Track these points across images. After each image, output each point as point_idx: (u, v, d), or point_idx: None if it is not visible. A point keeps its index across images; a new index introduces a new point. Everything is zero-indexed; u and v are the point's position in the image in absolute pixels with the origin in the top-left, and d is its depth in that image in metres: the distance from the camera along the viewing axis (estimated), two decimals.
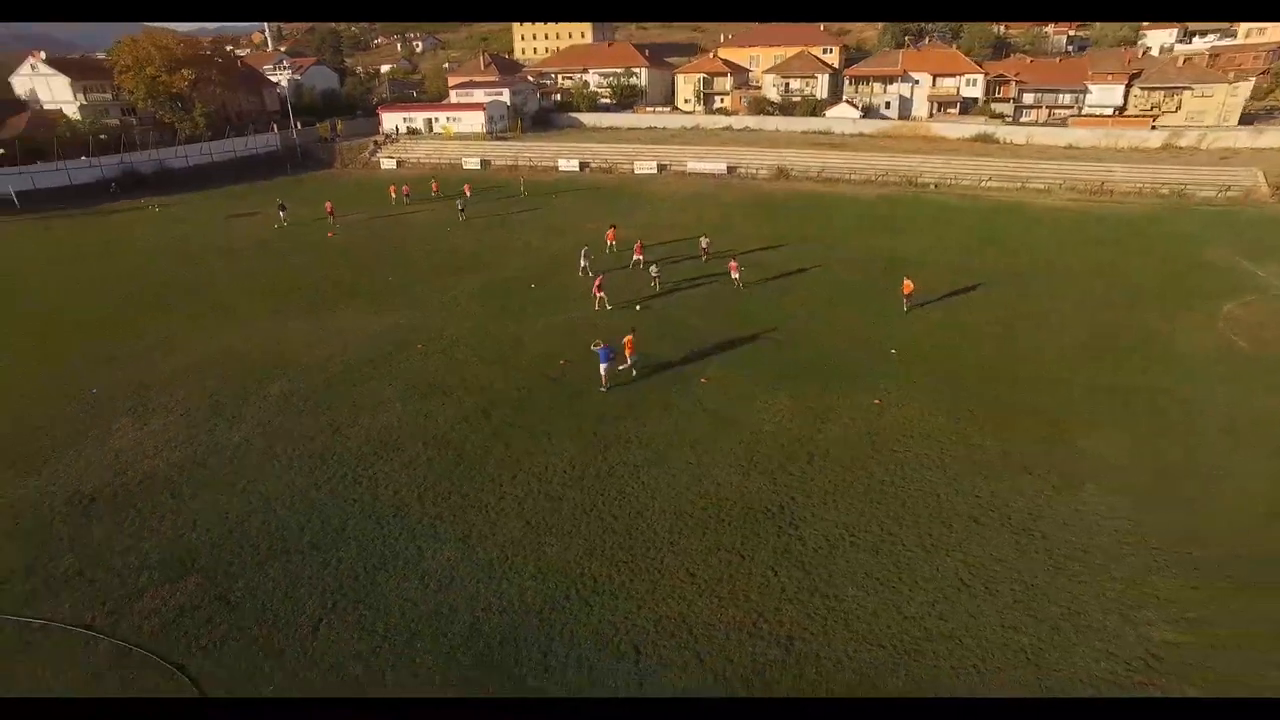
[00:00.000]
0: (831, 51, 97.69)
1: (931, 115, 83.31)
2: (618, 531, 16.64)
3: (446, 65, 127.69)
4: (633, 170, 68.00)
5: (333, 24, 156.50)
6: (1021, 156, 63.52)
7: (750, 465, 19.10)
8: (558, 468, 19.27)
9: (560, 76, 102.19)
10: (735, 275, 32.55)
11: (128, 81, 75.79)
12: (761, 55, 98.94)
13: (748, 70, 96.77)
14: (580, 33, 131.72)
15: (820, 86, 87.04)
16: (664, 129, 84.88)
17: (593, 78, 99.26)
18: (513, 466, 19.38)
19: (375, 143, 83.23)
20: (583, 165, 70.29)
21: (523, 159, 73.84)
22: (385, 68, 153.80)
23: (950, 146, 68.81)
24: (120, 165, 66.12)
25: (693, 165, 66.56)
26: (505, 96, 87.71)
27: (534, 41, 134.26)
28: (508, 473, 19.08)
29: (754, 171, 65.15)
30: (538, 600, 14.63)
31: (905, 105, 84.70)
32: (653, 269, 33.19)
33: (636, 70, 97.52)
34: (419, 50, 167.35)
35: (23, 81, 78.64)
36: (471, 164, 74.05)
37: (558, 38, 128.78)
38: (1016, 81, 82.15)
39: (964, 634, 13.41)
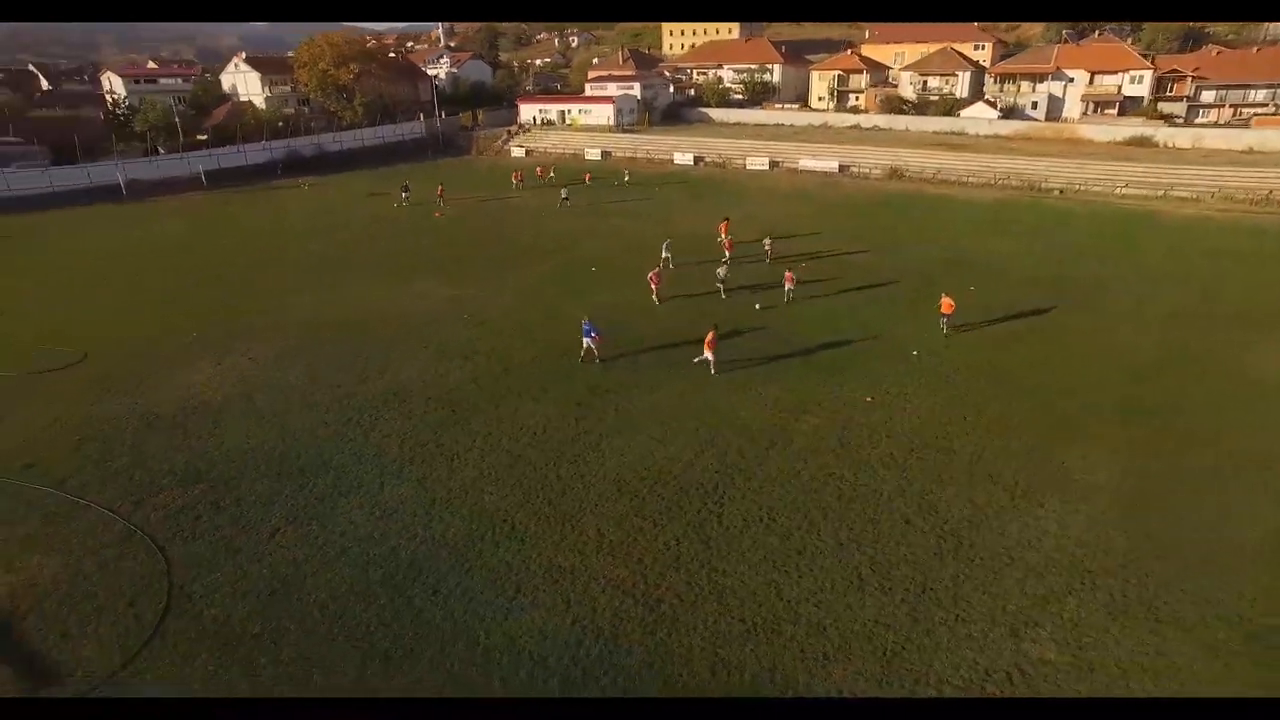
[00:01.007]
0: (984, 48, 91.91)
1: (1084, 116, 76.24)
2: (554, 490, 17.76)
3: (596, 60, 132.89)
4: (745, 165, 67.99)
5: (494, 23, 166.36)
6: (1182, 162, 56.91)
7: (708, 445, 19.50)
8: (530, 428, 20.67)
9: (695, 72, 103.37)
10: (789, 286, 30.37)
11: (304, 76, 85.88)
12: (907, 52, 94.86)
13: (886, 68, 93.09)
14: (728, 29, 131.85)
15: (960, 85, 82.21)
16: (790, 126, 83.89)
17: (727, 74, 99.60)
18: (493, 425, 21.01)
19: (509, 132, 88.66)
20: (697, 159, 71.15)
21: (642, 151, 75.85)
22: (539, 61, 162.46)
23: (1094, 150, 62.95)
24: (286, 149, 75.20)
25: (804, 163, 65.48)
26: (636, 91, 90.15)
27: (680, 38, 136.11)
28: (485, 429, 20.74)
29: (867, 171, 63.03)
30: (458, 538, 16.11)
31: (1055, 105, 78.15)
32: (720, 270, 31.67)
33: (770, 67, 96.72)
34: (573, 45, 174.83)
35: (228, 78, 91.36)
36: (593, 155, 77.03)
37: (704, 34, 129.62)
38: (1194, 77, 73.26)
39: (832, 624, 13.33)
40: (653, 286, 30.44)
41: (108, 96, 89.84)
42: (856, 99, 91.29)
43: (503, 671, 12.52)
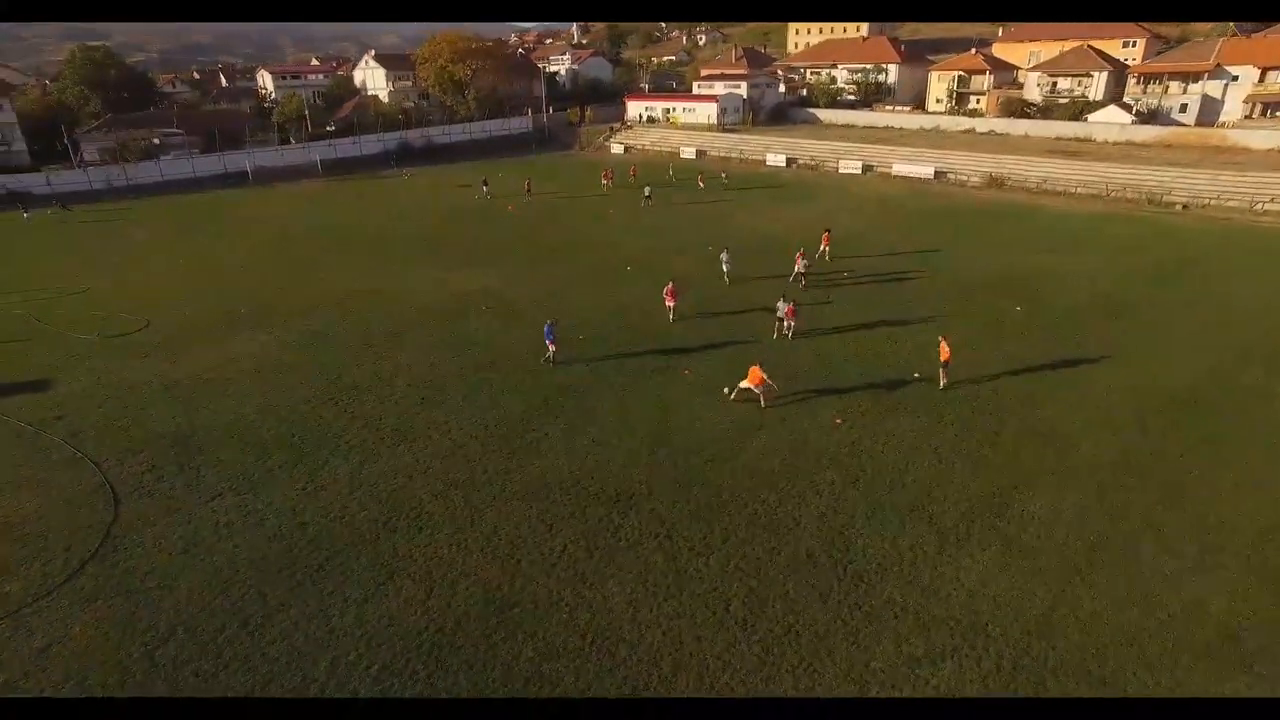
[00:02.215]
0: (1135, 44, 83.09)
1: (1246, 119, 67.17)
2: (475, 484, 17.96)
3: (718, 57, 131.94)
4: (837, 169, 65.40)
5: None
6: None
7: (647, 454, 19.01)
8: (485, 422, 20.99)
9: (808, 71, 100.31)
10: (788, 322, 26.31)
11: (424, 72, 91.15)
12: (1043, 51, 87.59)
13: (1015, 68, 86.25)
14: (855, 29, 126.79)
15: (1095, 86, 74.74)
16: (899, 129, 79.67)
17: (841, 73, 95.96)
18: (454, 415, 21.51)
19: (611, 129, 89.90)
20: (789, 161, 69.20)
21: (736, 151, 74.73)
22: (666, 59, 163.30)
23: (1248, 159, 55.25)
24: (399, 140, 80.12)
25: (898, 167, 62.04)
26: (742, 90, 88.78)
27: (804, 36, 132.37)
28: (445, 419, 21.27)
29: (964, 178, 58.79)
30: (365, 520, 16.67)
31: (1209, 108, 69.33)
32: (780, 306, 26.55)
33: (886, 67, 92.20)
34: (702, 43, 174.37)
35: (359, 74, 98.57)
36: (688, 154, 76.73)
37: (828, 32, 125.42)
38: None
39: (670, 654, 12.65)
40: (668, 303, 27.88)
41: (261, 92, 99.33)
42: (977, 101, 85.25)
43: (334, 652, 12.87)
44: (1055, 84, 77.40)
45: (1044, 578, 14.32)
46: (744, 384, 21.08)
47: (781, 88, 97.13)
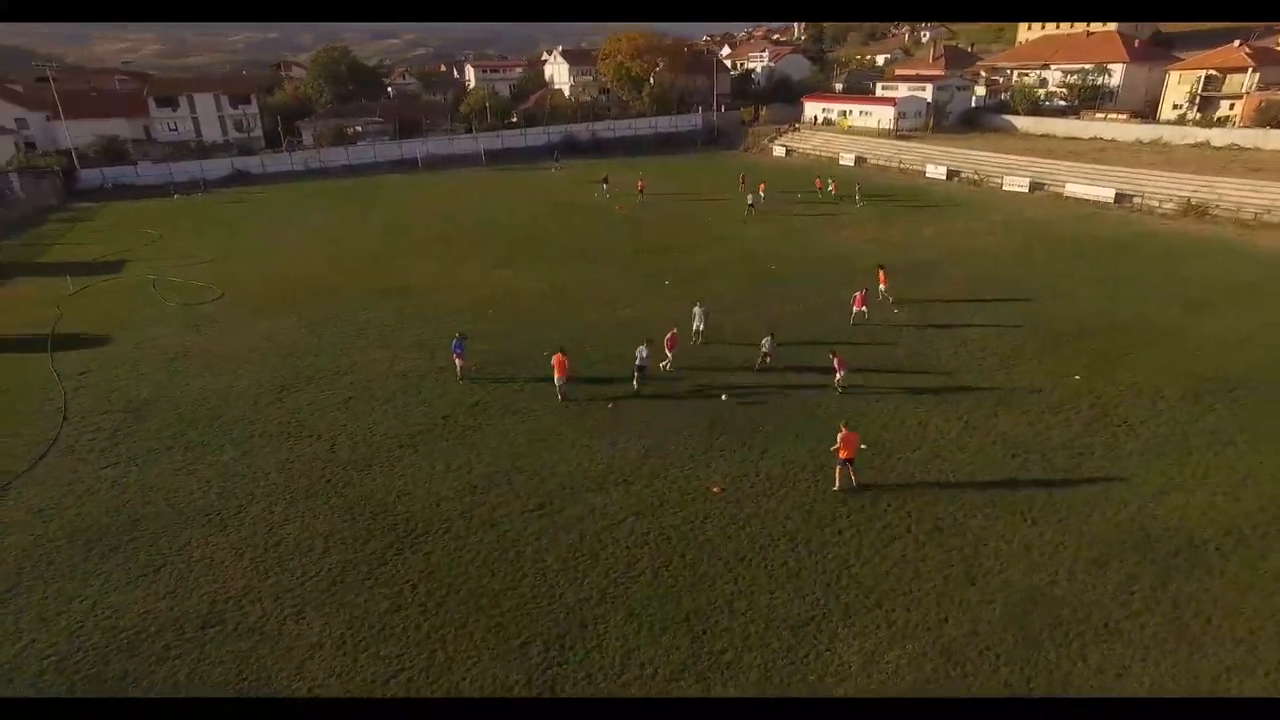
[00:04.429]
0: None
1: None
2: (311, 493, 18.15)
3: (925, 57, 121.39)
4: (1001, 185, 57.21)
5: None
6: None
7: (474, 491, 18.01)
8: (372, 429, 21.19)
9: (1016, 72, 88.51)
10: (840, 374, 22.34)
11: (604, 67, 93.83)
12: None
13: None
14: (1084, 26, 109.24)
15: None
16: (1107, 140, 67.65)
17: (1054, 74, 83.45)
18: (360, 418, 21.91)
19: (778, 130, 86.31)
20: (951, 174, 61.81)
21: (896, 161, 68.33)
22: (880, 57, 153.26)
23: None
24: (564, 134, 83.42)
25: (1072, 187, 52.67)
26: (926, 93, 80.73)
27: (1028, 33, 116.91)
28: (346, 421, 21.81)
29: (1154, 204, 48.37)
30: (195, 509, 17.60)
31: None
32: (765, 342, 23.92)
33: (1111, 66, 78.42)
34: (924, 39, 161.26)
35: (549, 68, 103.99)
36: (847, 160, 71.69)
37: (1057, 28, 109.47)
38: None
39: (296, 676, 11.87)
40: (668, 351, 24.09)
41: (466, 84, 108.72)
42: (1231, 107, 69.50)
43: (71, 626, 13.79)
44: None
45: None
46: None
47: (981, 90, 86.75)
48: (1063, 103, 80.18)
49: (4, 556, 16.03)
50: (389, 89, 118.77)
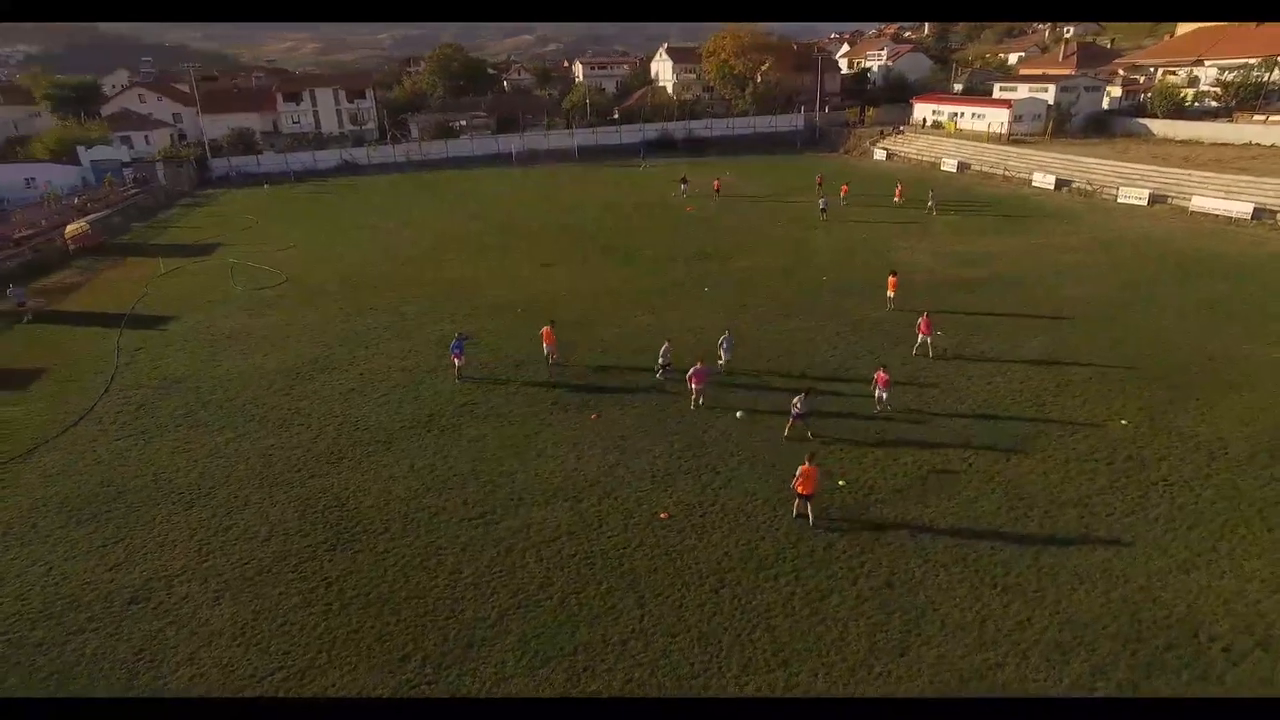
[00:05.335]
0: None
1: None
2: (273, 481, 18.80)
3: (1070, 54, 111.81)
4: (1115, 197, 51.72)
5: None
6: None
7: (438, 490, 17.96)
8: (356, 424, 21.63)
9: (1162, 70, 79.66)
10: (881, 392, 20.92)
11: (708, 65, 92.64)
12: None
13: None
14: None
15: None
16: (1267, 146, 59.45)
17: (1208, 71, 74.44)
18: (351, 410, 22.53)
19: (881, 132, 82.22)
20: (1060, 184, 56.55)
21: (1001, 168, 63.36)
22: (1014, 57, 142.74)
23: None
24: (660, 131, 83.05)
25: (1199, 201, 46.71)
26: (1049, 94, 74.23)
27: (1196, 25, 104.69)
28: (341, 412, 22.47)
29: None
30: (178, 486, 18.64)
31: None
32: (798, 401, 19.86)
33: None
34: (1068, 35, 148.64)
35: (655, 65, 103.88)
36: (949, 166, 67.43)
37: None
38: None
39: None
40: (693, 386, 21.44)
41: (575, 80, 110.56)
42: None
43: (21, 590, 14.94)
44: None
45: None
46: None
47: (1116, 91, 78.79)
48: (1214, 104, 71.37)
49: (1, 517, 17.55)
50: (505, 84, 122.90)
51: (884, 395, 20.90)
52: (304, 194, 65.70)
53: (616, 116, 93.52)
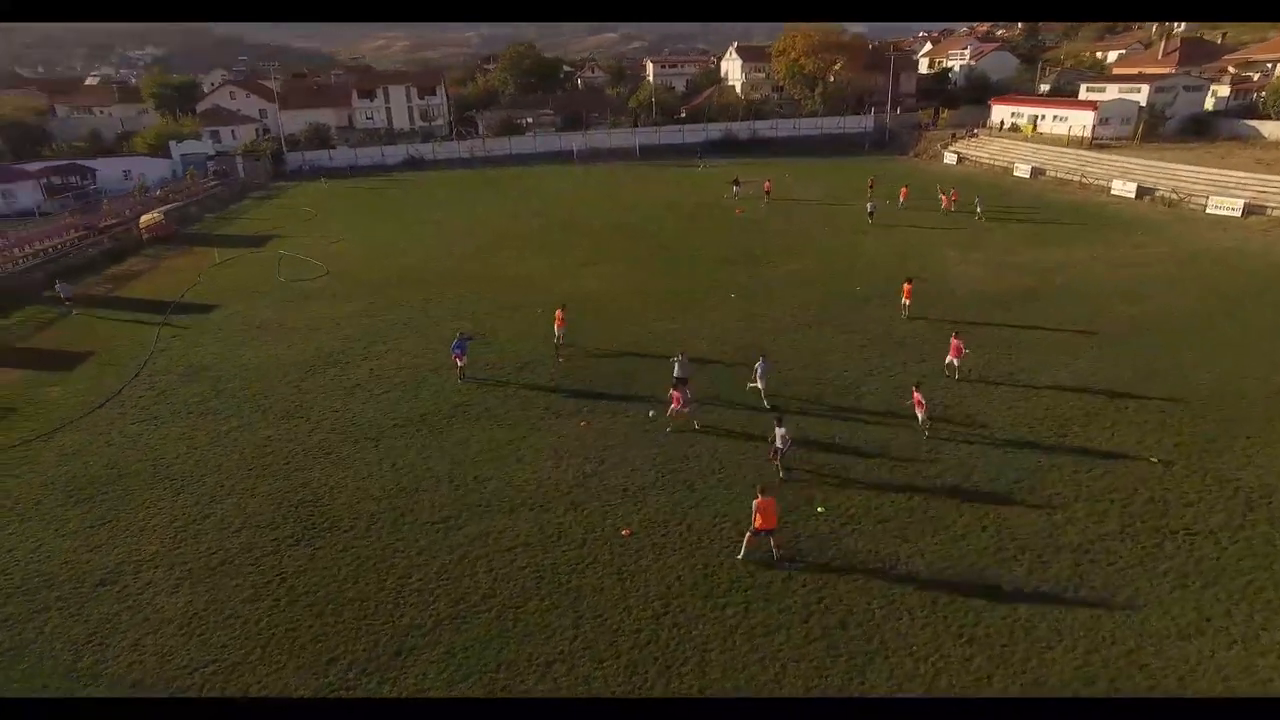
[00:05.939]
0: None
1: None
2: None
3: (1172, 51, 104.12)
4: (1204, 207, 47.66)
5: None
6: None
7: (431, 484, 18.01)
8: (346, 421, 21.94)
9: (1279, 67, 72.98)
10: (921, 414, 19.90)
11: (777, 65, 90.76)
12: None
13: None
14: None
15: None
16: None
17: None
18: (345, 404, 22.95)
19: (953, 135, 78.61)
20: (1142, 191, 52.56)
21: (1078, 174, 59.45)
22: (1114, 55, 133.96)
23: None
24: (724, 131, 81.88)
25: None
26: (1141, 95, 69.18)
27: None
28: (340, 407, 22.90)
29: None
30: (172, 471, 19.39)
31: None
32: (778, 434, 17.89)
33: None
34: (1178, 29, 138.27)
35: (725, 65, 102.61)
36: (1021, 172, 63.93)
37: None
38: None
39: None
40: (672, 407, 20.34)
41: (646, 79, 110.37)
42: None
43: (7, 565, 15.80)
44: None
45: None
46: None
47: (1224, 90, 72.66)
48: None
49: (10, 492, 18.63)
50: (579, 82, 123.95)
51: (922, 417, 19.73)
52: (364, 188, 67.92)
53: (683, 115, 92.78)
